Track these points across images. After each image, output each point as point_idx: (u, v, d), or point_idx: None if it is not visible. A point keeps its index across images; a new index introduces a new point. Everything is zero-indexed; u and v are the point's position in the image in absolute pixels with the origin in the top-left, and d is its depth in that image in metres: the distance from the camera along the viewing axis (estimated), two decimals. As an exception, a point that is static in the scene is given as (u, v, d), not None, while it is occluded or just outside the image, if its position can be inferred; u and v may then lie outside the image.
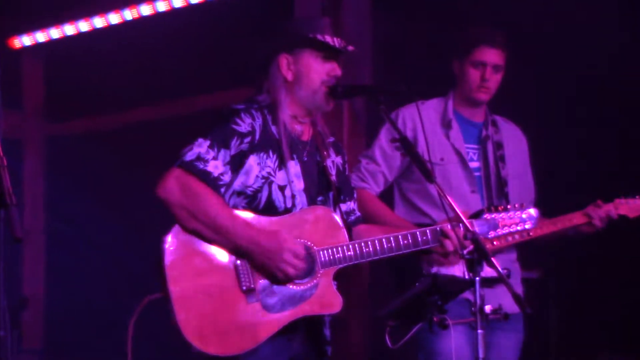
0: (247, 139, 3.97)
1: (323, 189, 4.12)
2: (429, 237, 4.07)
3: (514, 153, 5.03)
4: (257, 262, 3.88)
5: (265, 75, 4.09)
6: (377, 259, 4.03)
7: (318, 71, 4.05)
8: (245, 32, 6.01)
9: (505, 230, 4.19)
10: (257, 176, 3.98)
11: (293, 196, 4.01)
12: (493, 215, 4.21)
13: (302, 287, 3.95)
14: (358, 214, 4.29)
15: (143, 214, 5.28)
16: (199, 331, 3.84)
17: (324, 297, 3.96)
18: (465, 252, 3.78)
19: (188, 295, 3.85)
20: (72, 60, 7.59)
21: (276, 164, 4.00)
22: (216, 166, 3.91)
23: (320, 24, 4.09)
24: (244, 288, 3.90)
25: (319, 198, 4.09)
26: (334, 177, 4.14)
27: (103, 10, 7.31)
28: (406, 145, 3.94)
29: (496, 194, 4.92)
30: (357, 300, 5.75)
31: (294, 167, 4.04)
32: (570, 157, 6.29)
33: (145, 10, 7.16)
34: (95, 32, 7.38)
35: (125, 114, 7.78)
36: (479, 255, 3.71)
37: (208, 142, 3.93)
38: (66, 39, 7.55)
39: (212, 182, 3.91)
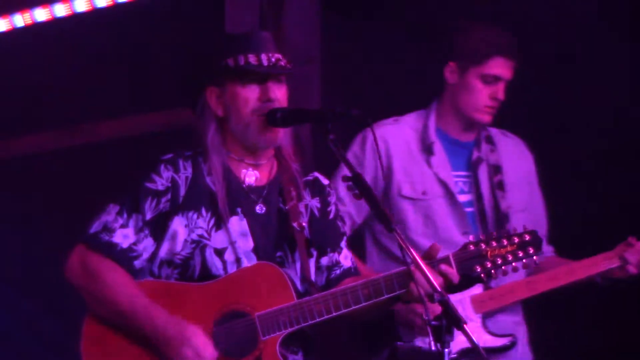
0: (166, 198, 3.81)
1: (285, 242, 3.87)
2: (395, 282, 3.73)
3: (517, 177, 4.67)
4: (162, 352, 3.71)
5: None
6: (337, 317, 3.73)
7: (246, 99, 3.80)
8: (166, 52, 5.93)
9: (499, 261, 3.78)
10: (185, 241, 3.80)
11: (237, 259, 3.80)
12: (480, 246, 3.81)
13: None
14: (346, 265, 3.98)
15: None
16: None
17: None
18: (431, 317, 3.43)
19: None
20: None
21: (212, 223, 3.81)
22: (126, 235, 3.77)
23: (246, 41, 3.82)
24: None
25: (278, 254, 3.86)
26: (303, 225, 3.87)
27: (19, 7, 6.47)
28: (360, 186, 3.60)
29: None
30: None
31: (237, 223, 3.82)
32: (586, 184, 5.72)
33: (40, 15, 6.41)
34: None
35: (32, 137, 6.82)
36: (448, 322, 3.38)
37: (117, 208, 3.80)
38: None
39: (119, 255, 3.76)
